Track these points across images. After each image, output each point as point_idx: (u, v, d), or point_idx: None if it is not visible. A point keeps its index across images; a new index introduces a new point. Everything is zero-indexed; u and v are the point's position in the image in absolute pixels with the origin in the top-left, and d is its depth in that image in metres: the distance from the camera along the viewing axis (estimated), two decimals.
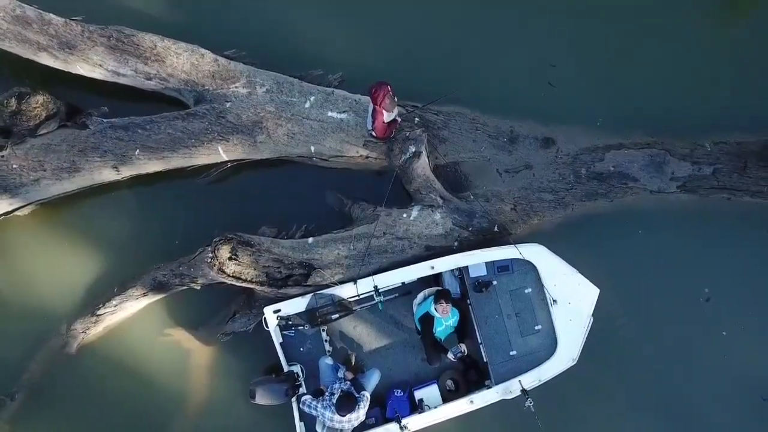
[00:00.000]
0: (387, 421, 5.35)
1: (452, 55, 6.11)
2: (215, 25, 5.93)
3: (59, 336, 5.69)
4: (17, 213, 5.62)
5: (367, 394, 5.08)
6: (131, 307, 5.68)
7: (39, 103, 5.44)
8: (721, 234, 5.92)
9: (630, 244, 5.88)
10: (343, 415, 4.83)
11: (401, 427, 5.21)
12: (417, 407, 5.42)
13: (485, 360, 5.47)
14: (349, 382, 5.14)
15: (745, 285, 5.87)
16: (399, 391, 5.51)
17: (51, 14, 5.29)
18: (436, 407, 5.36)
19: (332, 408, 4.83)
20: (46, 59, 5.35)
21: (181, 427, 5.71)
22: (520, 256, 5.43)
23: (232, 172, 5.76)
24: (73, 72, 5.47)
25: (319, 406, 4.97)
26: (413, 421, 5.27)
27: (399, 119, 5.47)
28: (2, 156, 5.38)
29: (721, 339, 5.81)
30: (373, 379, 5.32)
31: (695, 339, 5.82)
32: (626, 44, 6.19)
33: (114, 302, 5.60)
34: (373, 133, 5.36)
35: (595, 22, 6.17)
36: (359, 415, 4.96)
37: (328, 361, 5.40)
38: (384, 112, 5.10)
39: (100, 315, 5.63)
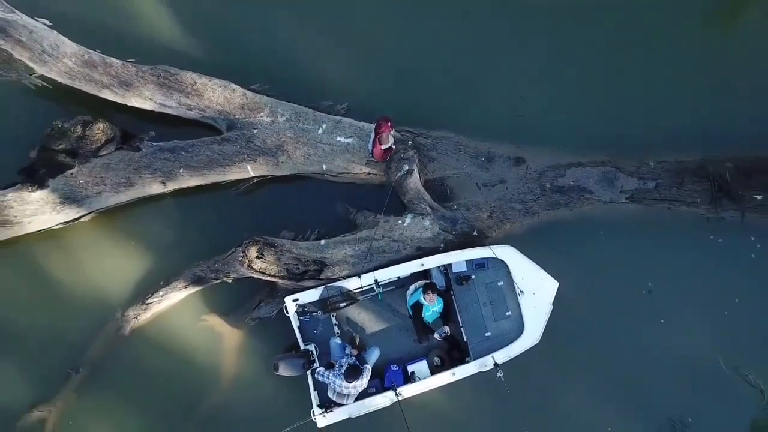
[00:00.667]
0: (385, 389, 6.54)
1: (442, 88, 7.30)
2: (243, 63, 7.11)
3: (115, 321, 6.89)
4: (81, 220, 6.82)
5: (369, 367, 6.29)
6: (175, 297, 6.88)
7: (100, 130, 6.65)
8: (662, 238, 7.13)
9: (586, 245, 7.08)
10: (350, 383, 6.05)
11: (396, 395, 6.41)
12: (409, 379, 6.62)
13: (465, 340, 6.66)
14: (354, 357, 6.34)
15: (682, 280, 7.08)
16: (395, 365, 6.71)
17: (112, 58, 6.48)
18: (425, 378, 6.56)
19: (341, 377, 6.05)
20: (107, 95, 6.53)
21: (216, 396, 6.93)
22: (494, 256, 6.63)
23: (257, 186, 6.97)
24: (128, 104, 6.66)
25: (331, 375, 6.18)
26: (406, 390, 6.46)
27: (394, 147, 6.67)
28: (71, 173, 6.58)
29: (660, 326, 7.03)
30: (373, 355, 6.52)
31: (640, 325, 7.04)
32: (587, 79, 7.40)
33: (160, 293, 6.81)
34: (373, 157, 6.57)
35: (559, 61, 7.37)
36: (363, 383, 6.18)
37: (337, 340, 6.61)
38: (382, 143, 6.33)
39: (149, 303, 6.84)
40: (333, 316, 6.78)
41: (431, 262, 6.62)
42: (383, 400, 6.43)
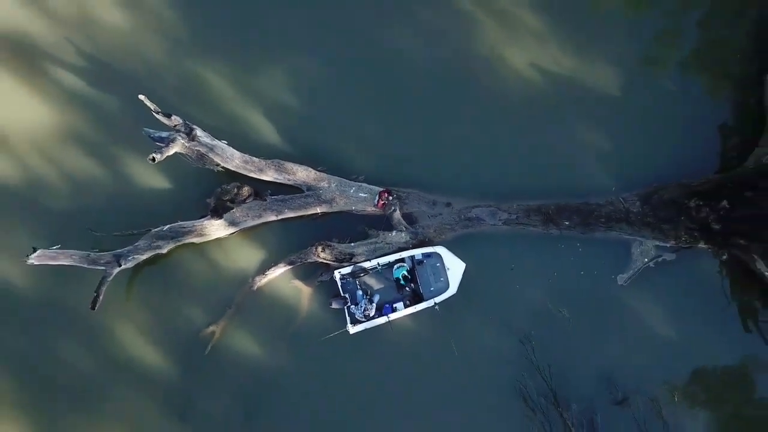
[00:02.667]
0: (382, 315, 13.68)
1: (411, 167, 14.48)
2: (314, 155, 14.27)
3: (249, 282, 13.99)
4: (234, 233, 13.95)
5: (375, 302, 13.48)
6: (279, 271, 14.00)
7: (245, 190, 13.80)
8: (520, 243, 14.29)
9: (480, 246, 14.23)
10: (370, 304, 13.24)
11: (388, 317, 13.57)
12: (394, 310, 13.79)
13: (421, 292, 13.83)
14: (368, 299, 13.52)
15: (530, 264, 14.25)
16: (387, 304, 13.87)
17: (254, 157, 13.63)
18: (402, 310, 13.73)
19: (364, 302, 13.24)
20: (251, 174, 13.68)
21: (299, 320, 14.03)
22: (434, 251, 13.82)
23: (321, 217, 14.13)
24: (260, 178, 13.80)
25: (354, 307, 13.35)
26: (393, 315, 13.61)
27: (387, 202, 13.86)
28: (232, 211, 13.71)
29: (517, 283, 14.20)
30: (376, 298, 13.68)
31: (506, 284, 14.20)
32: (486, 158, 14.60)
33: (272, 268, 13.92)
34: (376, 206, 13.78)
35: (474, 149, 14.59)
36: (373, 308, 13.36)
37: (359, 292, 13.75)
38: (381, 205, 13.60)
39: (266, 274, 13.94)
40: (357, 280, 13.91)
41: (405, 254, 13.81)
42: (381, 320, 13.60)
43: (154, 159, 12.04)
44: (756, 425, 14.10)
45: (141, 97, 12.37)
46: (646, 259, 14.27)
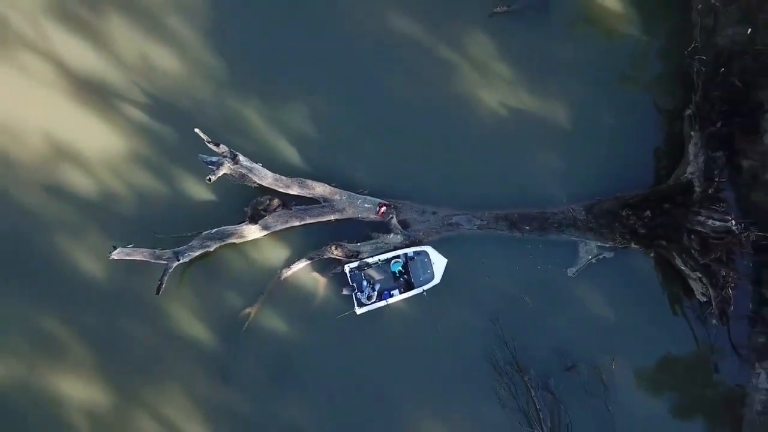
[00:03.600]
0: (382, 300, 17.55)
1: (405, 182, 18.34)
2: (330, 173, 18.14)
3: (278, 273, 17.85)
4: (266, 235, 17.82)
5: (376, 290, 17.37)
6: (301, 265, 17.87)
7: (275, 201, 17.68)
8: (489, 242, 18.12)
9: (459, 245, 18.07)
10: (373, 291, 17.13)
11: (386, 302, 17.45)
12: (391, 296, 17.65)
13: (413, 281, 17.69)
14: (371, 287, 17.40)
15: (497, 258, 18.11)
16: (386, 291, 17.72)
17: (282, 176, 17.48)
18: (398, 296, 17.60)
19: (368, 289, 17.14)
20: (280, 189, 17.55)
21: (315, 303, 17.90)
22: (423, 249, 17.70)
23: (335, 222, 17.98)
24: (287, 192, 17.67)
25: (360, 293, 17.23)
26: (390, 300, 17.51)
27: (385, 210, 17.74)
28: (265, 217, 17.57)
29: (489, 275, 18.04)
30: (378, 287, 17.56)
31: (476, 271, 18.06)
32: (463, 174, 18.46)
33: (295, 264, 17.79)
34: (377, 215, 17.65)
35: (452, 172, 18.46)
36: (375, 294, 17.26)
37: (364, 282, 17.62)
38: (381, 213, 17.51)
39: (291, 267, 17.81)
40: (362, 272, 17.75)
41: (400, 252, 17.70)
42: (381, 303, 17.49)
43: (210, 179, 15.93)
44: (672, 384, 17.92)
45: (196, 130, 16.20)
46: (590, 257, 18.10)
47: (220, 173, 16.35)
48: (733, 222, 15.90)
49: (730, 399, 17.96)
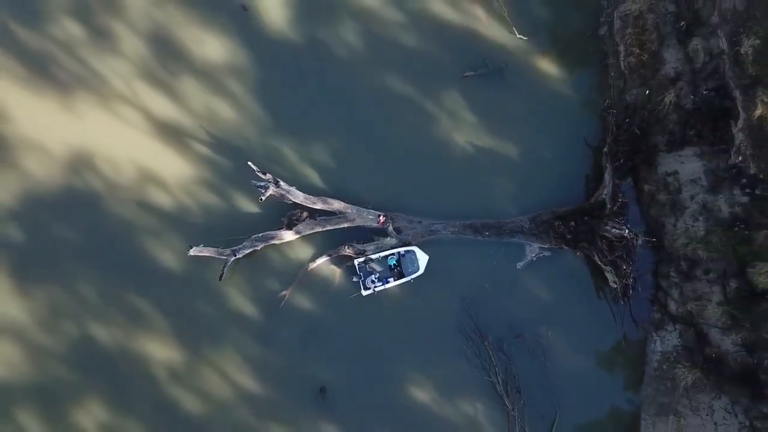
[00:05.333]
0: (381, 286, 24.30)
1: (400, 198, 25.07)
2: (343, 193, 24.87)
3: (306, 265, 24.55)
4: (297, 238, 24.52)
5: (377, 278, 24.12)
6: (323, 259, 24.60)
7: (305, 213, 24.46)
8: (462, 244, 24.83)
9: (437, 246, 24.77)
10: (375, 279, 23.91)
11: (384, 287, 24.20)
12: (388, 282, 24.39)
13: (404, 272, 24.43)
14: (373, 276, 24.15)
15: (474, 257, 24.83)
16: (384, 279, 24.46)
17: (310, 195, 24.22)
18: (392, 282, 24.35)
19: (371, 277, 23.90)
20: (308, 206, 24.28)
21: (332, 288, 24.62)
22: (411, 249, 24.46)
23: (348, 228, 24.68)
24: (314, 207, 24.40)
25: (366, 280, 23.99)
26: (388, 286, 24.29)
27: (384, 219, 24.51)
28: (297, 225, 24.27)
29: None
30: (378, 276, 24.29)
31: (456, 269, 24.79)
32: (447, 191, 25.19)
33: (322, 258, 24.52)
34: (377, 224, 24.39)
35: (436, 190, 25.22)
36: (376, 281, 24.01)
37: (369, 273, 24.35)
38: (381, 222, 24.31)
39: (315, 261, 24.53)
40: (367, 265, 24.48)
41: (395, 250, 24.50)
42: (380, 288, 24.27)
43: (261, 199, 22.69)
44: (594, 348, 24.63)
45: (249, 162, 22.96)
46: (533, 255, 24.82)
47: (268, 194, 23.10)
48: (626, 230, 22.60)
49: (635, 359, 24.64)
